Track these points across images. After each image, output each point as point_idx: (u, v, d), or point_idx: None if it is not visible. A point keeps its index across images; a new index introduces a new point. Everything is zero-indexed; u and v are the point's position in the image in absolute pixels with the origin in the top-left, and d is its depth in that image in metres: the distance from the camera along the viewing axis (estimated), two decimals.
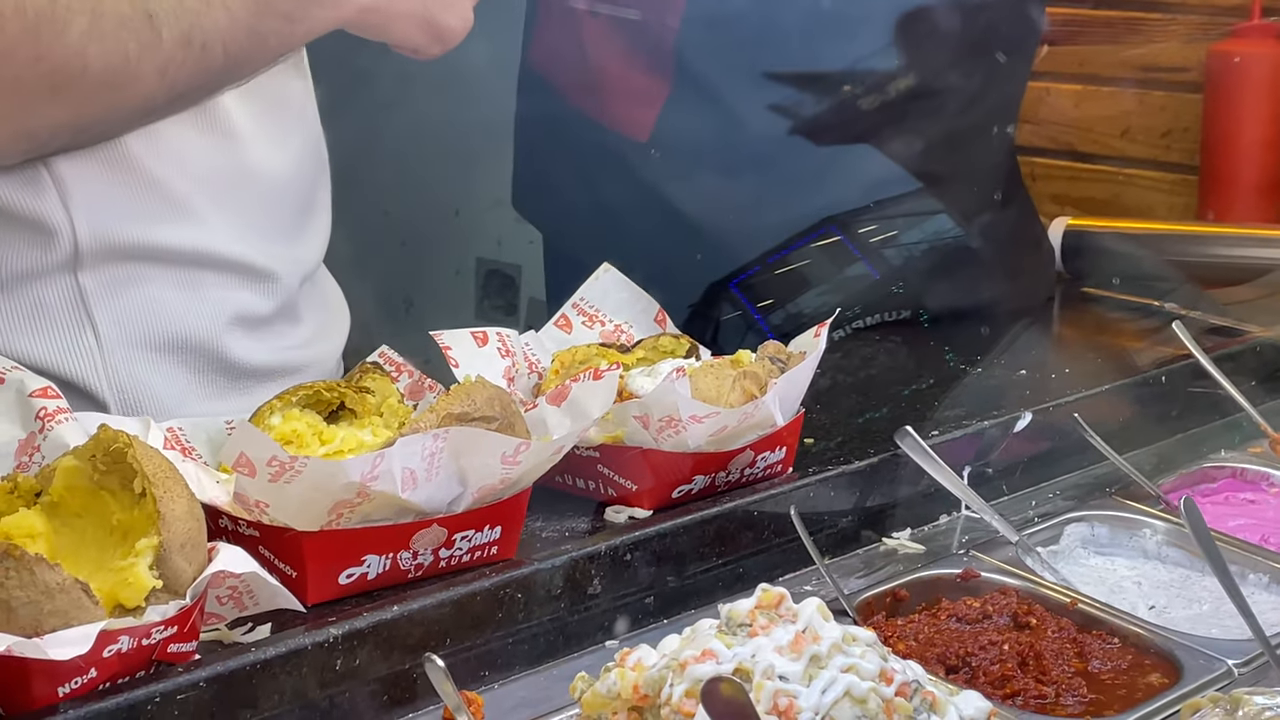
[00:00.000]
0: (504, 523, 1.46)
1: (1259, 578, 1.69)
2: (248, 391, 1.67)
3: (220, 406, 1.62)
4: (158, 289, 1.59)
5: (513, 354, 1.69)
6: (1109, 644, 1.53)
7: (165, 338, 1.60)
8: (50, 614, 1.15)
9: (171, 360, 1.61)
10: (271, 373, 1.70)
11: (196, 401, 1.62)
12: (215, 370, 1.65)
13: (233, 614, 1.31)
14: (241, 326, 1.66)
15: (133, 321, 1.58)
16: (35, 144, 1.43)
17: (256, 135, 1.64)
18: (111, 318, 1.57)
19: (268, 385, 1.68)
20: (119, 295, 1.57)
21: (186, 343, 1.62)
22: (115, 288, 1.56)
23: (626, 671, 1.25)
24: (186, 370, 1.62)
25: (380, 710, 1.35)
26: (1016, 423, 1.88)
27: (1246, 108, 2.69)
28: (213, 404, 1.63)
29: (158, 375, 1.60)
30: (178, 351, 1.61)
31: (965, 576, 1.64)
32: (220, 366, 1.65)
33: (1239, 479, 1.96)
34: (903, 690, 1.24)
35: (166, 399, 1.59)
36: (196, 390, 1.63)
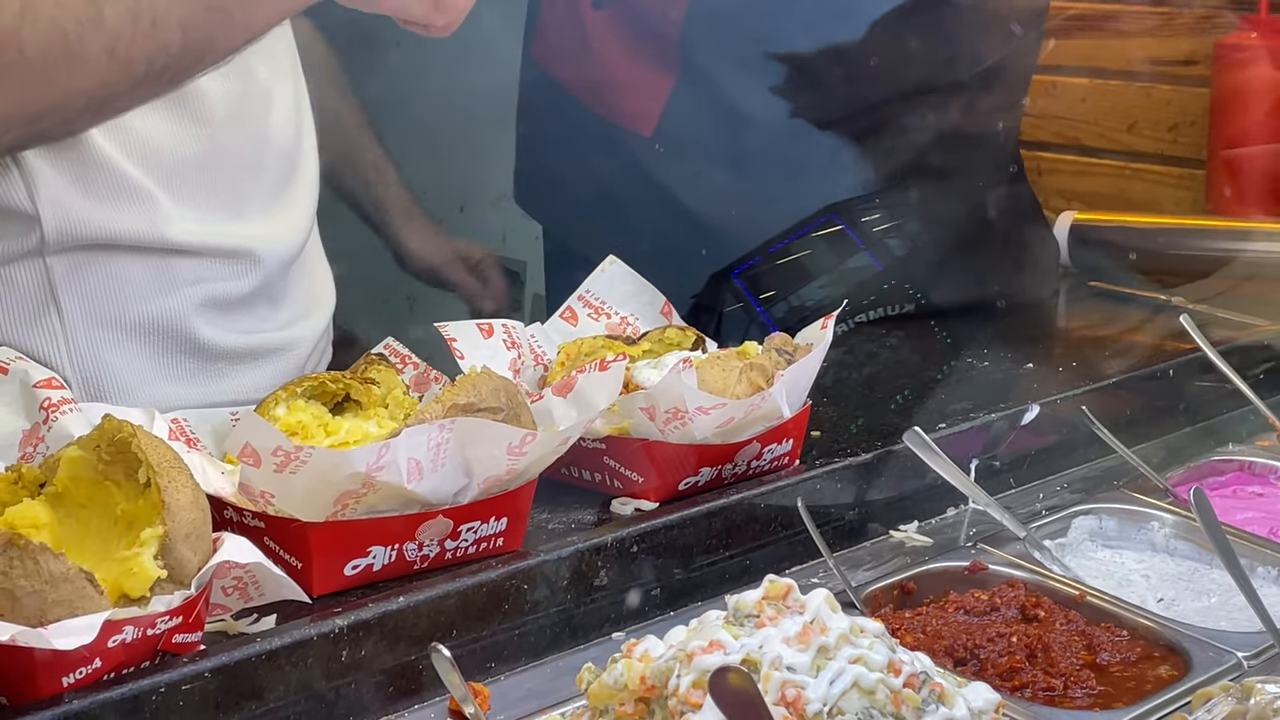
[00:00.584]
0: (510, 514, 1.45)
1: (1268, 570, 1.68)
2: (219, 375, 1.65)
3: (188, 390, 1.61)
4: (125, 272, 1.57)
5: (518, 346, 1.68)
6: (1118, 636, 1.52)
7: (131, 320, 1.59)
8: (55, 604, 1.14)
9: (137, 342, 1.59)
10: (245, 355, 1.68)
11: (162, 383, 1.61)
12: (183, 353, 1.63)
13: (238, 605, 1.31)
14: (214, 309, 1.64)
15: (98, 303, 1.57)
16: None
17: (229, 118, 1.62)
18: (77, 299, 1.55)
19: (240, 368, 1.67)
20: (85, 277, 1.55)
21: (153, 325, 1.60)
22: (82, 270, 1.55)
23: (633, 662, 1.24)
24: (152, 352, 1.61)
25: (386, 702, 1.34)
26: (1024, 415, 1.87)
27: (1254, 101, 2.68)
28: (179, 386, 1.62)
29: (122, 357, 1.58)
30: (144, 333, 1.60)
31: (973, 569, 1.64)
32: (189, 349, 1.63)
33: (1247, 472, 1.96)
34: (911, 681, 1.23)
35: (130, 380, 1.58)
36: (162, 372, 1.61)
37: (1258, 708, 1.07)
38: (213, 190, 1.62)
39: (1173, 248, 2.55)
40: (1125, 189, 2.98)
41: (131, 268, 1.58)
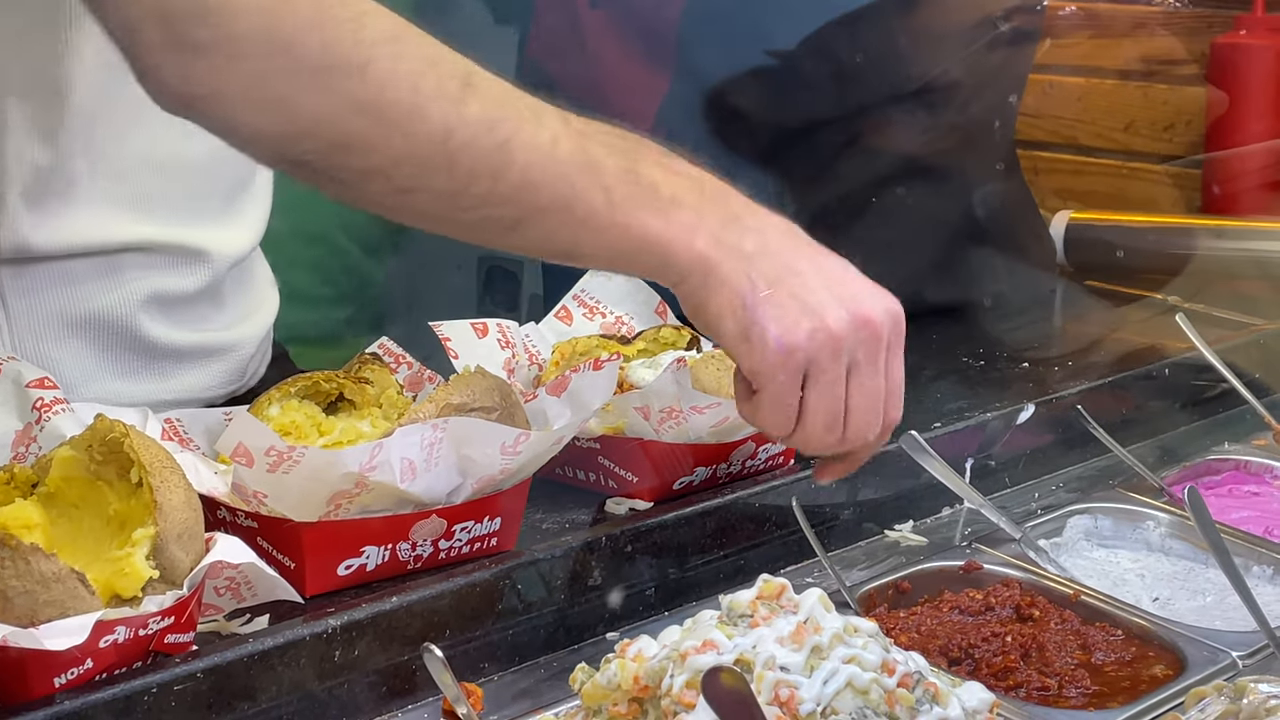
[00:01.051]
0: (504, 514, 1.45)
1: (1263, 570, 1.68)
2: (163, 372, 1.63)
3: (132, 387, 1.60)
4: (74, 273, 1.55)
5: (513, 345, 1.68)
6: (1113, 636, 1.52)
7: (76, 316, 1.56)
8: (46, 604, 1.14)
9: (81, 337, 1.57)
10: (189, 354, 1.66)
11: (107, 380, 1.59)
12: (128, 349, 1.61)
13: (230, 605, 1.31)
14: (159, 306, 1.62)
15: (44, 302, 1.55)
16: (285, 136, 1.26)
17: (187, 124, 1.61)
18: (21, 294, 1.54)
19: (184, 366, 1.65)
20: (31, 273, 1.54)
21: (98, 321, 1.58)
22: (30, 273, 1.53)
23: (627, 662, 1.24)
24: (96, 349, 1.58)
25: (379, 702, 1.34)
26: (1019, 414, 1.87)
27: (1250, 100, 2.68)
28: (124, 383, 1.60)
29: (66, 352, 1.56)
30: (88, 329, 1.57)
31: (968, 569, 1.63)
32: (134, 346, 1.61)
33: (1243, 471, 1.96)
34: (905, 681, 1.23)
35: (74, 376, 1.55)
36: (107, 369, 1.59)
37: (1251, 707, 1.07)
38: (166, 191, 1.60)
39: (1167, 247, 2.55)
40: (1122, 188, 2.98)
41: (79, 268, 1.56)
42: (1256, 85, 2.68)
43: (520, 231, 1.32)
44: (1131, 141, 2.96)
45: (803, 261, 1.36)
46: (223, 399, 1.70)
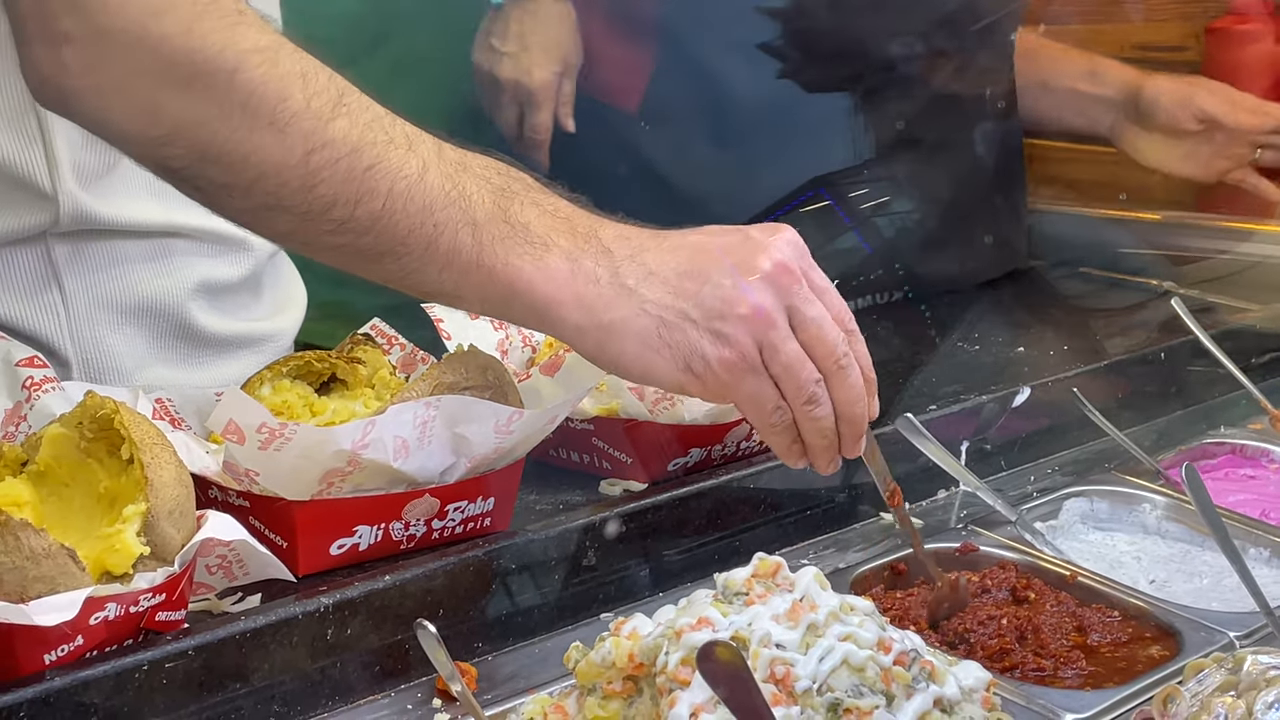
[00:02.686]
0: (497, 494, 1.45)
1: (1260, 552, 1.68)
2: (208, 361, 1.65)
3: (180, 374, 1.61)
4: (125, 253, 1.57)
5: (506, 327, 1.67)
6: (1109, 617, 1.52)
7: (130, 302, 1.58)
8: (36, 580, 1.13)
9: (135, 324, 1.59)
10: (232, 342, 1.67)
11: (158, 366, 1.60)
12: (177, 337, 1.62)
13: (222, 584, 1.31)
14: (206, 295, 1.64)
15: (99, 284, 1.56)
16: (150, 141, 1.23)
17: None
18: (79, 279, 1.55)
19: (229, 356, 1.66)
20: (87, 258, 1.55)
21: (151, 308, 1.59)
22: (84, 251, 1.55)
23: (621, 640, 1.24)
24: (149, 335, 1.60)
25: (372, 681, 1.33)
26: (1015, 397, 1.87)
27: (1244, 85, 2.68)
28: (173, 370, 1.61)
29: (120, 338, 1.58)
30: (142, 316, 1.59)
31: (964, 550, 1.63)
32: (183, 334, 1.63)
33: (1239, 455, 1.96)
34: (901, 659, 1.23)
35: (127, 362, 1.58)
36: (158, 355, 1.61)
37: (1249, 678, 1.07)
38: None
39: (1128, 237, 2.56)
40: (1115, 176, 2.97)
41: (131, 250, 1.57)
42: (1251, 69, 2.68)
43: (384, 264, 1.26)
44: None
45: (687, 264, 1.30)
46: None
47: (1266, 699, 1.05)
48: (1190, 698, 1.10)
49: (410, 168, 1.24)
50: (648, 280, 1.29)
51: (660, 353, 1.28)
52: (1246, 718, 1.05)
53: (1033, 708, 1.33)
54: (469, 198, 1.25)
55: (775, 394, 1.32)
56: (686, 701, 1.16)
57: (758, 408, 1.32)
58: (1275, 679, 1.06)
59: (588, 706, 1.24)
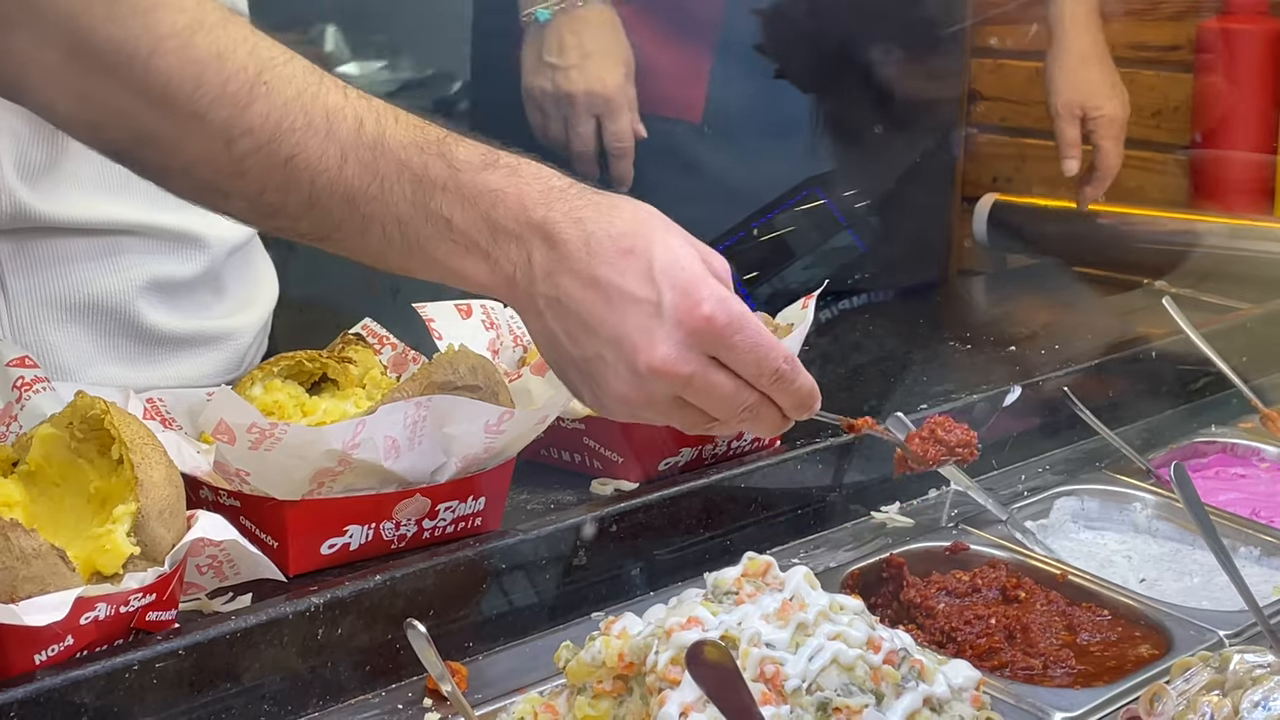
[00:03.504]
0: (488, 494, 1.45)
1: (1250, 550, 1.69)
2: (160, 359, 1.61)
3: (129, 372, 1.57)
4: (71, 250, 1.54)
5: (497, 327, 1.67)
6: (1099, 616, 1.53)
7: (75, 300, 1.55)
8: (26, 580, 1.14)
9: (80, 322, 1.56)
10: (186, 341, 1.64)
11: (104, 365, 1.57)
12: (125, 335, 1.59)
13: (213, 584, 1.31)
14: (157, 292, 1.60)
15: (43, 282, 1.53)
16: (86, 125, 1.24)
17: None
18: (22, 279, 1.52)
19: (183, 354, 1.63)
20: (31, 254, 1.52)
21: (97, 305, 1.56)
22: (28, 247, 1.52)
23: (612, 640, 1.24)
24: (95, 333, 1.57)
25: (363, 681, 1.34)
26: (1006, 396, 1.87)
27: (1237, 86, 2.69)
28: (121, 369, 1.58)
29: (64, 336, 1.54)
30: (87, 314, 1.56)
31: (955, 550, 1.64)
32: (131, 332, 1.59)
33: (1229, 454, 1.96)
34: (890, 658, 1.23)
35: (71, 361, 1.54)
36: (105, 354, 1.57)
37: (1236, 676, 1.07)
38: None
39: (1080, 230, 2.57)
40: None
41: (77, 247, 1.54)
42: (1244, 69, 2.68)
43: (334, 244, 1.26)
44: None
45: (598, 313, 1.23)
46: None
47: (1252, 697, 1.05)
48: (1177, 696, 1.10)
49: (329, 159, 1.21)
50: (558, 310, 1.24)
51: (560, 349, 1.25)
52: (1233, 716, 1.05)
53: (1022, 706, 1.34)
54: (390, 192, 1.23)
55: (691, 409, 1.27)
56: (676, 701, 1.17)
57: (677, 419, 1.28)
58: (1261, 678, 1.07)
59: (578, 706, 1.24)
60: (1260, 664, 1.08)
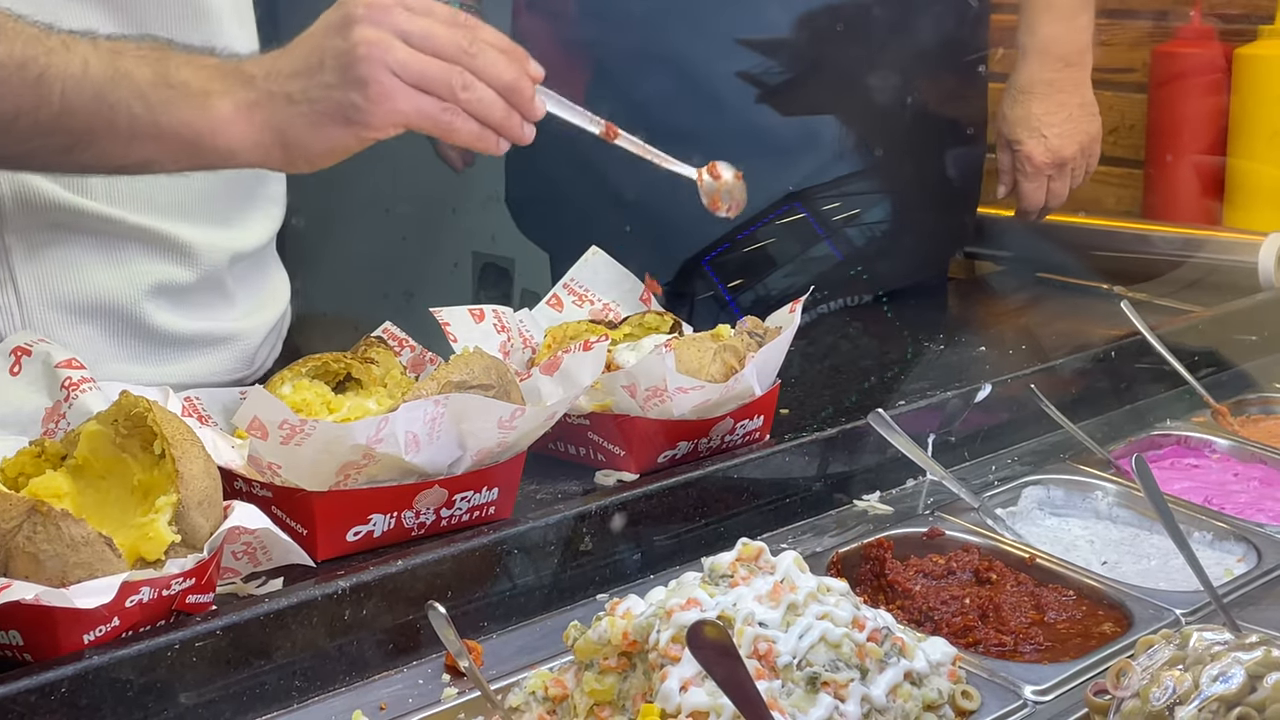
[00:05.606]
0: (501, 484, 1.45)
1: (1203, 535, 1.68)
2: (168, 358, 1.62)
3: (138, 370, 1.58)
4: (79, 253, 1.54)
5: (508, 330, 1.67)
6: (1065, 596, 1.53)
7: (84, 300, 1.55)
8: (75, 566, 1.14)
9: (89, 322, 1.56)
10: (192, 341, 1.64)
11: (114, 363, 1.56)
12: (133, 336, 1.59)
13: (247, 569, 1.31)
14: (163, 295, 1.60)
15: (53, 282, 1.53)
16: None
17: None
18: (32, 277, 1.52)
19: (191, 353, 1.64)
20: (41, 256, 1.52)
21: (104, 306, 1.56)
22: (38, 248, 1.52)
23: (616, 620, 1.24)
24: (104, 333, 1.57)
25: (386, 658, 1.33)
26: (977, 393, 1.87)
27: (1187, 105, 2.69)
28: (130, 367, 1.58)
29: (75, 336, 1.54)
30: (95, 314, 1.56)
31: (931, 535, 1.63)
32: (139, 332, 1.59)
33: (1183, 446, 1.96)
34: (874, 636, 1.23)
35: (85, 358, 1.50)
36: (114, 353, 1.57)
37: (1196, 653, 1.07)
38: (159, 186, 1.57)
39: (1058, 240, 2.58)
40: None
41: (85, 247, 1.54)
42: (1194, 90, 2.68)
43: (76, 154, 1.35)
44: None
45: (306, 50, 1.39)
46: (231, 385, 1.67)
47: (1211, 672, 1.05)
48: (1141, 671, 1.10)
49: (74, 66, 1.31)
50: (288, 80, 1.37)
51: (326, 126, 1.37)
52: (1193, 690, 1.05)
53: (995, 680, 1.34)
54: (130, 75, 1.33)
55: (433, 100, 1.39)
56: (677, 676, 1.17)
57: (428, 117, 1.40)
58: (1219, 654, 1.07)
59: (585, 681, 1.24)
60: (1218, 641, 1.08)
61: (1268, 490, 1.83)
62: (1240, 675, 1.05)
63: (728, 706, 1.13)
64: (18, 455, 1.27)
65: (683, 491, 1.57)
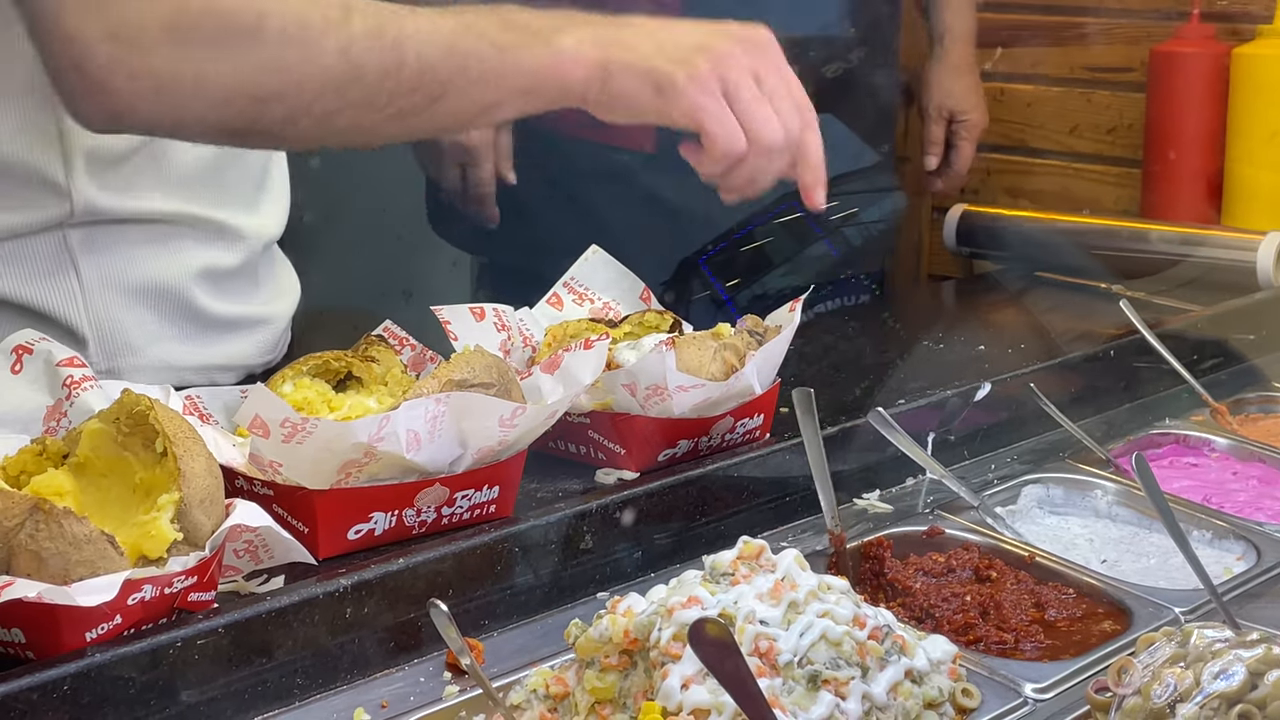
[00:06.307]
0: (502, 483, 1.45)
1: (1202, 534, 1.69)
2: (212, 340, 1.67)
3: (189, 349, 1.64)
4: (136, 242, 1.58)
5: (508, 328, 1.67)
6: (1064, 595, 1.53)
7: (140, 285, 1.59)
8: (78, 564, 1.14)
9: (144, 305, 1.60)
10: (236, 324, 1.69)
11: (168, 343, 1.62)
12: (184, 317, 1.64)
13: (249, 567, 1.31)
14: (208, 280, 1.65)
15: (112, 269, 1.57)
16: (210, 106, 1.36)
17: None
18: (93, 265, 1.56)
19: (232, 335, 1.69)
20: (99, 246, 1.56)
21: (158, 290, 1.61)
22: (96, 240, 1.56)
23: (617, 618, 1.24)
24: (158, 315, 1.62)
25: (387, 656, 1.33)
26: (977, 392, 1.87)
27: (1186, 105, 2.69)
28: (182, 346, 1.63)
29: (132, 317, 1.59)
30: (150, 298, 1.61)
31: (931, 534, 1.64)
32: (188, 314, 1.64)
33: (1182, 445, 1.96)
34: (875, 634, 1.23)
35: (140, 339, 1.60)
36: (168, 332, 1.62)
37: (1197, 650, 1.07)
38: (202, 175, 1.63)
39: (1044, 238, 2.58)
40: (1068, 187, 2.99)
41: (141, 238, 1.59)
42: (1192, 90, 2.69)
43: (435, 109, 1.42)
44: (1076, 144, 2.97)
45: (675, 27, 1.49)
46: (261, 368, 1.73)
47: (1212, 669, 1.06)
48: (1142, 669, 1.11)
49: (422, 25, 1.39)
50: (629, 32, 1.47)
51: (641, 84, 1.45)
52: (1194, 687, 1.05)
53: (995, 678, 1.34)
54: (476, 25, 1.42)
55: (736, 125, 1.47)
56: (678, 674, 1.17)
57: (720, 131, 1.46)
58: (1220, 651, 1.07)
59: (586, 678, 1.24)
60: (1219, 639, 1.09)
61: (1267, 489, 1.83)
62: (1241, 672, 1.05)
63: (729, 704, 1.13)
64: (19, 453, 1.27)
65: (683, 490, 1.57)
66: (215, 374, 1.66)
